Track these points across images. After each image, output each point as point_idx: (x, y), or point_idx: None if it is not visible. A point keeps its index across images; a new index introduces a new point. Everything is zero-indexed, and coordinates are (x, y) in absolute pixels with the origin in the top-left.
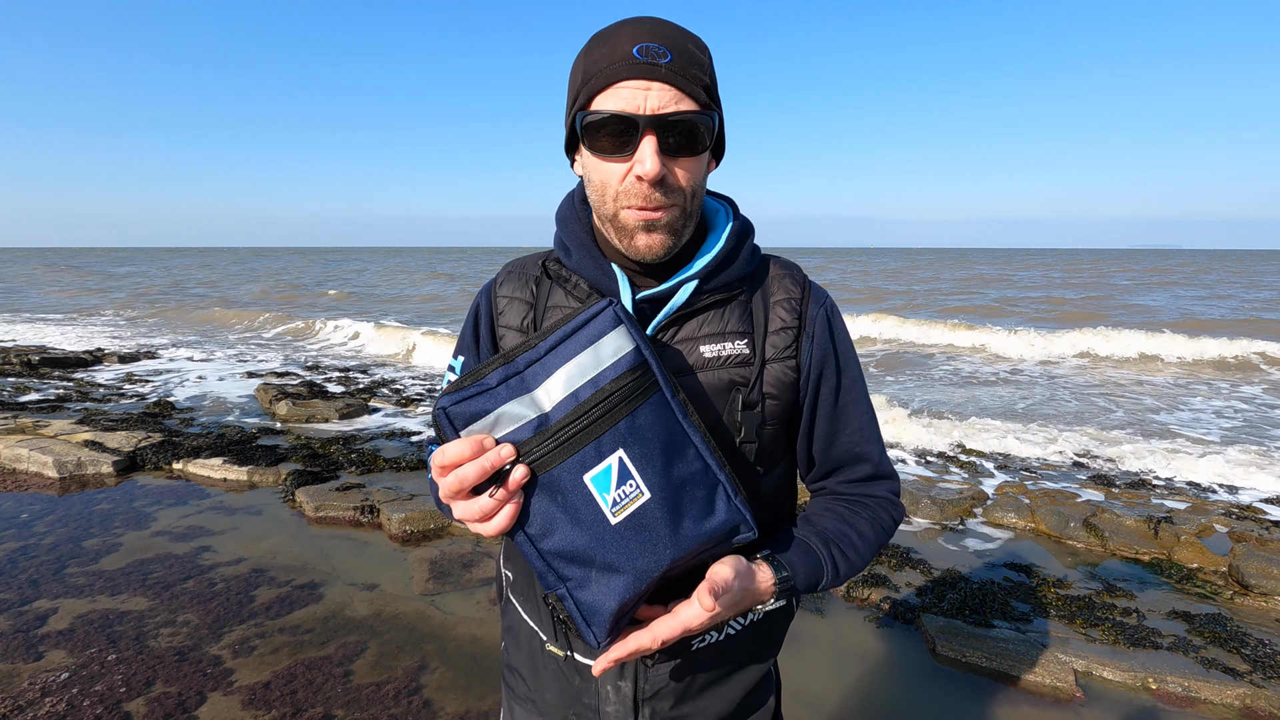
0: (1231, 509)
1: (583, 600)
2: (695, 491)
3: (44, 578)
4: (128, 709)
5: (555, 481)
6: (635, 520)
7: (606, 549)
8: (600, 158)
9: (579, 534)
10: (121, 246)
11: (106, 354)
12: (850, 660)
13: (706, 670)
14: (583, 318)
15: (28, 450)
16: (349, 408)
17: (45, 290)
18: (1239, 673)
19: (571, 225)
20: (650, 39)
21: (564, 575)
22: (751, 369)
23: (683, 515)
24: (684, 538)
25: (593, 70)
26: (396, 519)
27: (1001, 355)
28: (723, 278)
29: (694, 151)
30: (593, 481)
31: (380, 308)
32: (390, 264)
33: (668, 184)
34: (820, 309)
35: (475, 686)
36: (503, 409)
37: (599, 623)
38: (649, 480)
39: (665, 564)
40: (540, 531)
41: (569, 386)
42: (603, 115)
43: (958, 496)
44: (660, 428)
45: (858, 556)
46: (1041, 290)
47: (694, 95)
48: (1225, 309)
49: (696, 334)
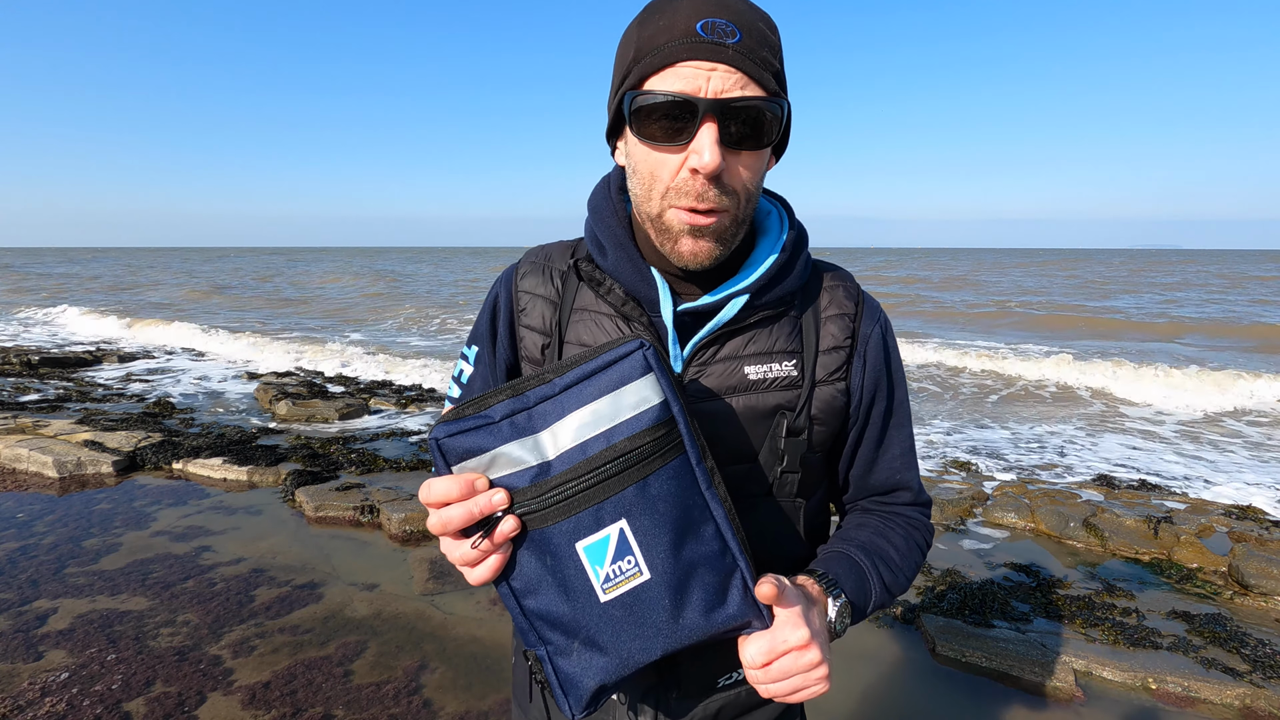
0: (1231, 509)
1: (562, 669)
2: (706, 577)
3: (44, 578)
4: (128, 709)
5: (546, 541)
6: (628, 601)
7: (592, 625)
8: (650, 146)
9: (564, 602)
10: (124, 246)
11: (106, 354)
12: (850, 660)
13: (734, 706)
14: (607, 358)
15: (28, 450)
16: (349, 408)
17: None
18: (1239, 673)
19: (607, 218)
20: (716, 13)
21: (545, 638)
22: (799, 392)
23: (686, 603)
24: (684, 629)
25: (648, 46)
26: (396, 519)
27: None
28: (775, 293)
29: (758, 144)
30: (585, 551)
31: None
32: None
33: (724, 181)
34: (875, 326)
35: (475, 686)
36: (501, 449)
37: (576, 696)
38: (651, 559)
39: (656, 654)
40: (524, 588)
41: (578, 436)
42: (658, 97)
43: (958, 496)
44: (676, 499)
45: (899, 572)
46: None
47: (762, 81)
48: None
49: (741, 353)
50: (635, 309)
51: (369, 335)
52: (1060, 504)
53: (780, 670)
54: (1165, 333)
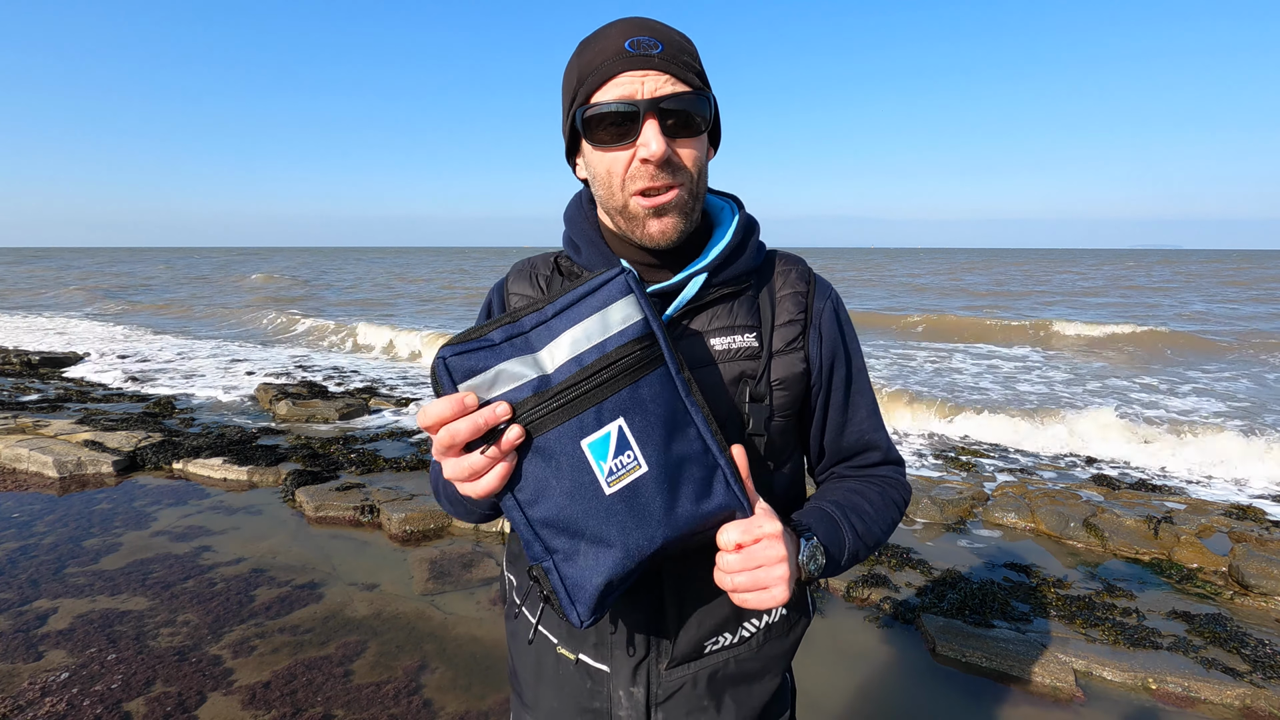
0: (1232, 509)
1: (568, 575)
2: (694, 471)
3: (44, 577)
4: (128, 709)
5: (550, 446)
6: (630, 493)
7: (598, 520)
8: (604, 150)
9: (571, 502)
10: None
11: (106, 353)
12: (850, 660)
13: (721, 676)
14: (593, 283)
15: (28, 450)
16: (349, 408)
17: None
18: (1239, 673)
19: (580, 224)
20: (640, 33)
21: (551, 546)
22: (759, 362)
23: (679, 494)
24: (679, 517)
25: (588, 69)
26: (396, 519)
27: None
28: (731, 270)
29: (694, 132)
30: (590, 448)
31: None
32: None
33: (673, 164)
34: (826, 301)
35: (475, 686)
36: (503, 366)
37: (584, 599)
38: (648, 454)
39: (658, 542)
40: (530, 497)
41: (574, 350)
42: (604, 107)
43: (958, 496)
44: (663, 402)
45: (872, 523)
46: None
47: (687, 80)
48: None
49: (706, 327)
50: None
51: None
52: (1060, 504)
53: (750, 556)
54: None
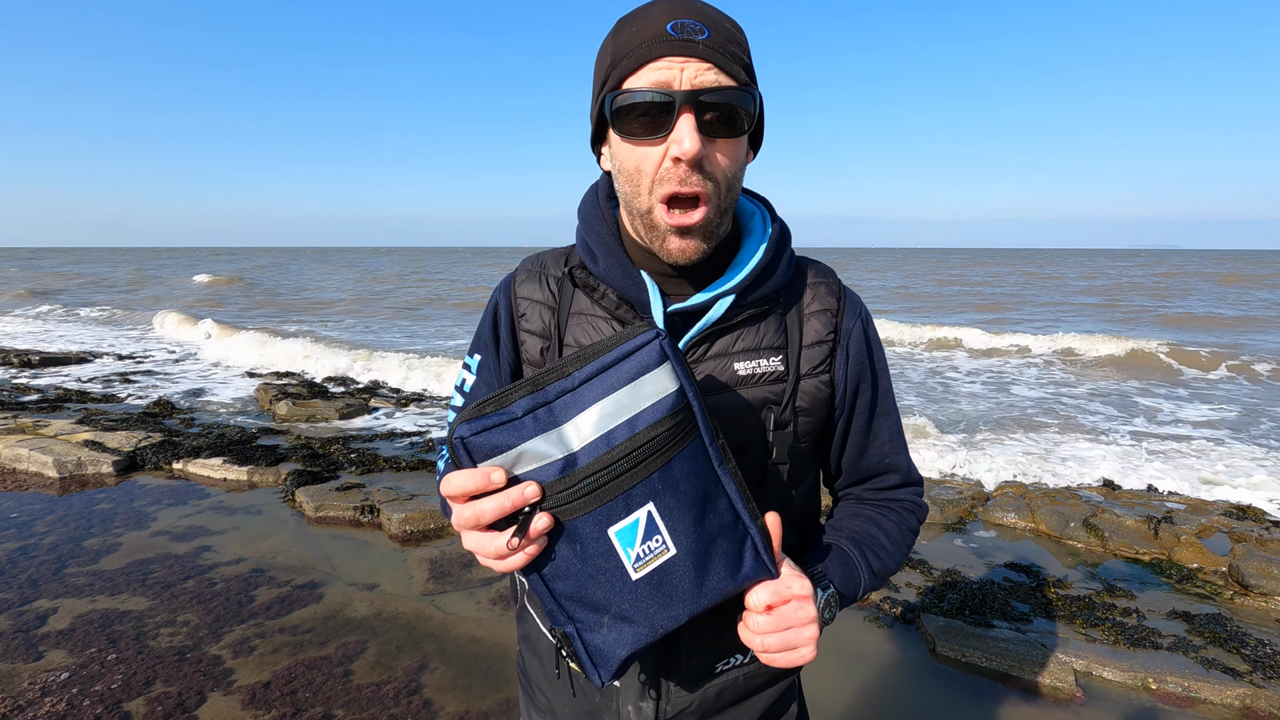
0: (1232, 509)
1: (591, 643)
2: (724, 545)
3: (44, 577)
4: (128, 709)
5: (576, 530)
6: (657, 577)
7: (622, 602)
8: (633, 142)
9: (595, 586)
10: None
11: (105, 353)
12: (850, 660)
13: (732, 690)
14: (625, 349)
15: (28, 450)
16: (349, 408)
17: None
18: (1239, 673)
19: (596, 225)
20: (685, 15)
21: (574, 617)
22: (784, 386)
23: (709, 571)
24: (707, 593)
25: (623, 50)
26: (396, 519)
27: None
28: (760, 291)
29: (734, 132)
30: (617, 535)
31: None
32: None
33: (705, 168)
34: (856, 320)
35: (475, 686)
36: (527, 446)
37: (606, 666)
38: (677, 536)
39: (683, 619)
40: (554, 575)
41: (601, 426)
42: (636, 95)
43: (958, 496)
44: (695, 478)
45: (888, 558)
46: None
47: (733, 73)
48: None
49: (730, 350)
50: (628, 312)
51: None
52: (1060, 504)
53: (780, 618)
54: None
